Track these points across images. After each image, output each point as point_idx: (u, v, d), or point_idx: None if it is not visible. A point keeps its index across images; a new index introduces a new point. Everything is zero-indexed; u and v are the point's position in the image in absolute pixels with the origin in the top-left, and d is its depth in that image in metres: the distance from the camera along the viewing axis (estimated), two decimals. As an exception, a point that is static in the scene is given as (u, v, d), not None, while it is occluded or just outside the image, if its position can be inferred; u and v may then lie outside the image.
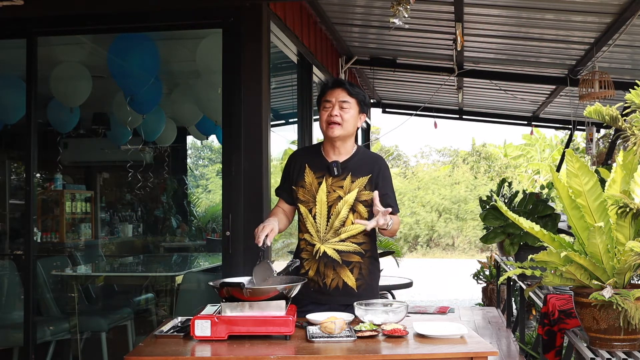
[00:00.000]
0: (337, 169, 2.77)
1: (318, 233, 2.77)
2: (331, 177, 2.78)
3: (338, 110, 2.75)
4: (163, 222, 8.38)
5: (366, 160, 2.84)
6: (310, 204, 2.79)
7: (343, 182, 2.78)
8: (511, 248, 4.70)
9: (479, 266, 8.97)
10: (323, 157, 2.84)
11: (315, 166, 2.82)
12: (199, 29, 4.34)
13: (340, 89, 2.77)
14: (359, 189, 2.77)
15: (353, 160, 2.82)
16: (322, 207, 2.77)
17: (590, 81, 5.66)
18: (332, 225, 2.76)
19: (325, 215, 2.76)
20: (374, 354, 2.12)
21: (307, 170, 2.81)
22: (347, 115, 2.76)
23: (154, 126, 6.01)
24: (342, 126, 2.75)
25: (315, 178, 2.79)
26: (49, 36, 4.24)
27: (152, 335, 2.35)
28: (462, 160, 22.89)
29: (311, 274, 2.77)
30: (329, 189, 2.77)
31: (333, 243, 2.76)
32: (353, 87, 2.81)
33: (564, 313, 3.06)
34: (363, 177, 2.78)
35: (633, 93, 2.36)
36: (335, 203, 2.76)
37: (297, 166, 2.86)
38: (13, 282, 4.86)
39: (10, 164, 7.44)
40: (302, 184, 2.81)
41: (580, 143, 14.58)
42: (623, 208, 2.23)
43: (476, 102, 9.07)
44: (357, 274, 2.78)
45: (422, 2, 4.71)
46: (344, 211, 2.75)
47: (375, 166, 2.82)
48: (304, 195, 2.80)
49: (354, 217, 2.75)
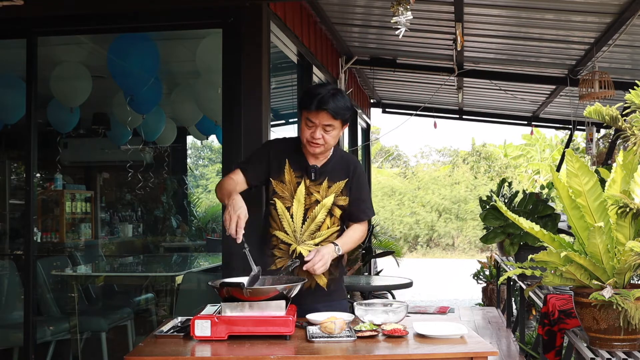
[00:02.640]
0: (315, 174, 2.75)
1: (294, 233, 2.76)
2: (309, 179, 2.76)
3: (321, 132, 2.65)
4: (163, 222, 8.38)
5: (342, 164, 2.82)
6: (288, 202, 2.75)
7: (320, 186, 2.76)
8: (511, 248, 4.70)
9: (479, 266, 8.97)
10: (303, 156, 2.78)
11: (295, 165, 2.77)
12: (199, 29, 4.34)
13: (325, 113, 2.62)
14: (335, 193, 2.76)
15: (330, 164, 2.79)
16: (299, 209, 2.75)
17: (590, 81, 5.66)
18: (307, 227, 2.75)
19: (302, 216, 2.75)
20: (374, 354, 2.12)
21: (287, 167, 2.77)
22: (329, 137, 2.68)
23: (154, 126, 6.01)
24: (324, 147, 2.70)
25: (294, 177, 2.76)
26: (49, 36, 4.24)
27: (152, 335, 2.35)
28: (462, 160, 22.88)
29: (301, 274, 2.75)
30: (307, 190, 2.75)
31: (309, 245, 2.76)
32: (338, 107, 2.63)
33: (564, 313, 3.05)
34: (340, 181, 2.78)
35: (633, 93, 2.36)
36: (313, 206, 2.75)
37: (276, 158, 2.78)
38: (13, 282, 4.86)
39: (10, 164, 7.44)
40: (282, 179, 2.76)
41: (580, 143, 14.59)
42: (623, 208, 2.23)
43: (476, 102, 9.07)
44: (328, 274, 2.79)
45: (422, 2, 4.71)
46: (320, 215, 2.75)
47: (351, 171, 2.81)
48: (283, 192, 2.76)
49: (330, 221, 2.76)
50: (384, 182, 21.02)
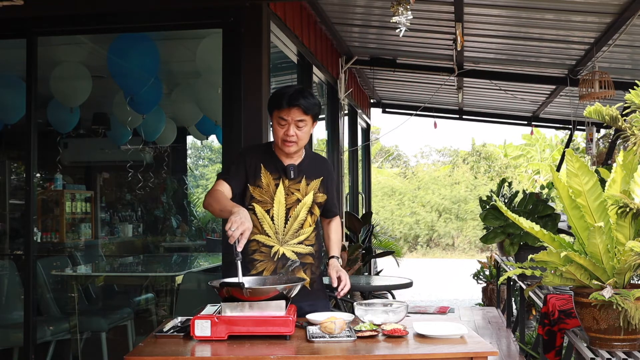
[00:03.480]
0: (294, 172, 2.78)
1: (276, 235, 2.77)
2: (287, 179, 2.78)
3: (294, 129, 2.71)
4: (163, 222, 8.38)
5: (316, 163, 2.90)
6: (268, 205, 2.76)
7: (299, 184, 2.79)
8: (511, 248, 4.70)
9: (479, 266, 8.97)
10: (277, 158, 2.81)
11: (271, 167, 2.79)
12: (199, 29, 4.34)
13: (296, 109, 2.69)
14: (314, 191, 2.82)
15: (305, 163, 2.85)
16: (280, 209, 2.76)
17: (590, 81, 5.66)
18: (290, 227, 2.77)
19: (284, 217, 2.77)
20: (374, 354, 2.12)
21: (263, 171, 2.78)
22: (302, 133, 2.73)
23: (154, 126, 6.01)
24: (298, 144, 2.75)
25: (272, 179, 2.78)
26: (49, 36, 4.24)
27: (152, 335, 2.35)
28: (462, 160, 22.88)
29: (267, 275, 2.75)
30: (286, 191, 2.78)
31: (292, 245, 2.78)
32: (308, 103, 2.72)
33: (564, 313, 3.06)
34: (316, 179, 2.84)
35: (633, 93, 2.36)
36: (294, 206, 2.78)
37: (252, 164, 2.80)
38: (13, 282, 4.86)
39: (10, 164, 7.43)
40: (259, 183, 2.78)
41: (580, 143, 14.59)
42: (623, 208, 2.23)
43: (476, 102, 9.07)
44: (310, 274, 2.82)
45: (422, 2, 4.71)
46: (302, 213, 2.78)
47: (325, 169, 2.90)
48: (261, 196, 2.77)
49: (311, 219, 2.81)
50: (384, 182, 21.02)
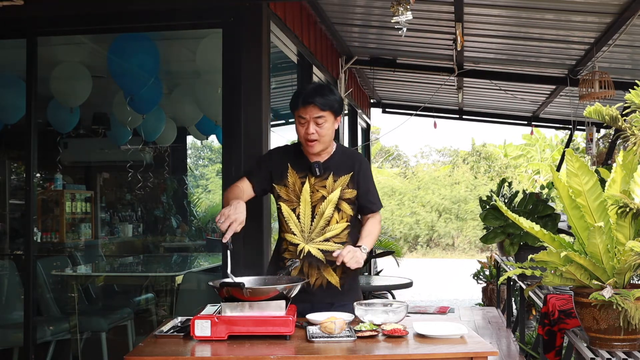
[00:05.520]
0: (319, 170, 2.78)
1: (302, 233, 2.78)
2: (313, 177, 2.79)
3: (314, 127, 2.72)
4: (163, 222, 8.37)
5: (346, 159, 2.86)
6: (294, 204, 2.79)
7: (325, 181, 2.79)
8: (511, 248, 4.70)
9: (479, 266, 8.97)
10: (304, 157, 2.83)
11: (298, 166, 2.82)
12: (199, 29, 4.34)
13: (312, 106, 2.71)
14: (341, 187, 2.79)
15: (334, 159, 2.83)
16: (306, 207, 2.77)
17: (590, 81, 5.66)
18: (316, 224, 2.77)
19: (310, 215, 2.78)
20: (374, 354, 2.12)
21: (290, 170, 2.81)
22: (323, 130, 2.73)
23: (154, 126, 6.01)
24: (320, 141, 2.75)
25: (298, 178, 2.80)
26: (49, 36, 4.24)
27: (152, 335, 2.35)
28: (462, 160, 22.89)
29: (294, 273, 2.76)
30: (312, 188, 2.78)
31: (318, 243, 2.78)
32: (325, 99, 2.72)
33: (564, 313, 3.06)
34: (345, 175, 2.81)
35: (633, 93, 2.36)
36: (319, 203, 2.78)
37: (278, 164, 2.84)
38: (13, 282, 4.86)
39: (10, 164, 7.43)
40: (285, 182, 2.81)
41: (580, 143, 14.59)
42: (623, 208, 2.23)
43: (476, 102, 9.07)
44: (340, 273, 2.80)
45: (422, 2, 4.71)
46: (328, 210, 2.77)
47: (356, 164, 2.84)
48: (287, 195, 2.80)
49: (339, 215, 2.78)
50: (384, 182, 21.01)
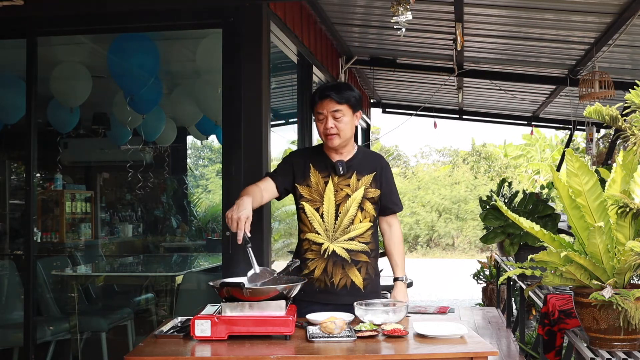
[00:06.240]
0: (342, 168, 2.80)
1: (326, 232, 2.78)
2: (337, 176, 2.80)
3: (332, 121, 2.75)
4: (163, 222, 8.37)
5: (368, 159, 2.89)
6: (317, 203, 2.80)
7: (349, 180, 2.80)
8: (511, 248, 4.70)
9: (479, 266, 8.97)
10: (327, 156, 2.86)
11: (320, 166, 2.84)
12: (199, 29, 4.34)
13: (328, 100, 2.74)
14: (365, 186, 2.81)
15: (357, 159, 2.86)
16: (330, 206, 2.78)
17: (590, 81, 5.66)
18: (340, 223, 2.78)
19: (334, 213, 2.78)
20: (374, 354, 2.12)
21: (312, 170, 2.83)
22: (342, 124, 2.76)
23: (154, 126, 6.01)
24: (340, 135, 2.77)
25: (321, 178, 2.81)
26: (49, 36, 4.24)
27: (152, 335, 2.35)
28: (462, 160, 22.89)
29: (317, 273, 2.77)
30: (335, 187, 2.80)
31: (342, 242, 2.78)
32: (341, 93, 2.76)
33: (564, 313, 3.06)
34: (368, 174, 2.83)
35: (633, 93, 2.36)
36: (343, 202, 2.78)
37: (301, 164, 2.86)
38: (13, 282, 4.86)
39: (10, 164, 7.43)
40: (308, 182, 2.82)
41: (580, 143, 14.59)
42: (623, 208, 2.23)
43: (476, 102, 9.06)
44: (364, 274, 2.82)
45: (422, 2, 4.70)
46: (352, 209, 2.78)
47: (378, 164, 2.88)
48: (310, 194, 2.81)
49: (362, 215, 2.79)
50: (384, 182, 20.98)
